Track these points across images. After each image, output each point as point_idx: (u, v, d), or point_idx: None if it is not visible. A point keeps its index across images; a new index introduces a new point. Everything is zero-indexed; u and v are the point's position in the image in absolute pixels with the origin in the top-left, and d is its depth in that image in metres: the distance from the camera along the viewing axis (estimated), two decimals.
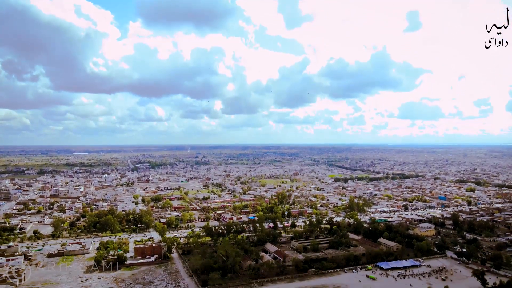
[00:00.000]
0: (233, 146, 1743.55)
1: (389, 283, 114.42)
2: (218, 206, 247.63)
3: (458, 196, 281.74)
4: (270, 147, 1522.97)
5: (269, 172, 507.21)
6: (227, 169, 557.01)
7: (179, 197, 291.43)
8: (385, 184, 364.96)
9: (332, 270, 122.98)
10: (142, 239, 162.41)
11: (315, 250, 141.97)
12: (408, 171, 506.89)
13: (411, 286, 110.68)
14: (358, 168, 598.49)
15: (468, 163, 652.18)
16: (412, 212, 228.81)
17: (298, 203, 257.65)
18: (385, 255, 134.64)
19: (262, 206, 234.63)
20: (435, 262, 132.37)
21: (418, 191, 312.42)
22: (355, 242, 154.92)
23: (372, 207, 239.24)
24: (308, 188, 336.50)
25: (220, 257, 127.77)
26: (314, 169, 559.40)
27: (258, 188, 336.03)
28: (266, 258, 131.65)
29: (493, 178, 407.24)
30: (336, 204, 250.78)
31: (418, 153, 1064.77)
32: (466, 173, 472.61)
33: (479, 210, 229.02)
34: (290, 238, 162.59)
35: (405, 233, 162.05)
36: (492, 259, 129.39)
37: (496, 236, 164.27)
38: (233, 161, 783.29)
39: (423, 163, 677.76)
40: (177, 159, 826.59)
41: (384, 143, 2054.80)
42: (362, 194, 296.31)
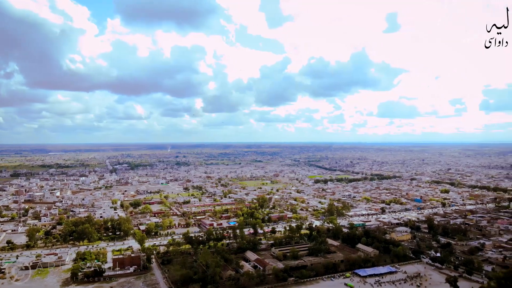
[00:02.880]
0: (214, 144, 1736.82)
1: None
2: (199, 210, 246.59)
3: (433, 197, 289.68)
4: (252, 146, 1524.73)
5: (250, 173, 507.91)
6: (208, 170, 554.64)
7: (159, 201, 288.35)
8: (364, 185, 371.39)
9: (311, 279, 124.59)
10: (121, 249, 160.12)
11: (295, 257, 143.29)
12: (386, 171, 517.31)
13: None
14: (337, 168, 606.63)
15: (443, 162, 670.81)
16: (389, 215, 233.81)
17: (279, 206, 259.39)
18: (363, 261, 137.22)
19: (242, 211, 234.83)
20: (411, 268, 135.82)
21: (395, 192, 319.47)
22: (334, 248, 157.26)
23: (351, 211, 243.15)
24: (288, 191, 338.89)
25: (200, 267, 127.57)
26: (295, 170, 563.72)
27: (239, 191, 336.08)
28: (246, 267, 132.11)
29: (467, 178, 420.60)
30: (316, 208, 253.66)
31: (396, 151, 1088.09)
32: (441, 173, 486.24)
33: (453, 212, 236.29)
34: (270, 245, 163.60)
35: (382, 238, 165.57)
36: (464, 264, 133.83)
37: (468, 240, 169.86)
38: (214, 161, 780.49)
39: (400, 162, 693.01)
40: (157, 159, 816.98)
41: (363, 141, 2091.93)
42: (342, 196, 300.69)
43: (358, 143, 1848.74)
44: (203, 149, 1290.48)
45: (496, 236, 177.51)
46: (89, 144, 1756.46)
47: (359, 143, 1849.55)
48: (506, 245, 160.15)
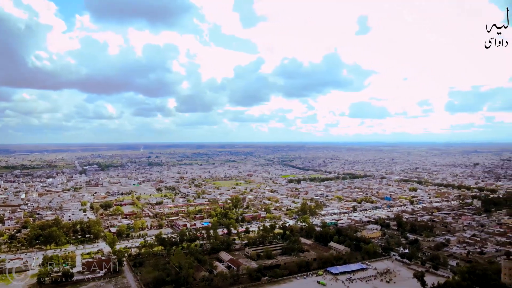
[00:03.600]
0: (187, 144, 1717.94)
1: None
2: (172, 211, 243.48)
3: (402, 196, 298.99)
4: (225, 146, 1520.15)
5: (224, 173, 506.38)
6: (181, 171, 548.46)
7: (131, 203, 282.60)
8: (336, 184, 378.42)
9: (284, 278, 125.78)
10: (91, 252, 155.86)
11: (269, 257, 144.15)
12: (357, 171, 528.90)
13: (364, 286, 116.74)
14: (310, 168, 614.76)
15: (412, 161, 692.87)
16: (360, 214, 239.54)
17: (253, 206, 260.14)
18: (335, 259, 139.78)
19: (216, 211, 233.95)
20: (381, 264, 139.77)
21: (366, 191, 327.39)
22: (307, 247, 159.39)
23: (323, 210, 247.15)
24: (262, 190, 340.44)
25: (173, 269, 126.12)
26: (268, 170, 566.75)
27: (213, 191, 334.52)
28: (220, 268, 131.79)
29: (433, 176, 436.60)
30: (289, 207, 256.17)
31: (367, 151, 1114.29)
32: (410, 172, 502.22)
33: (420, 210, 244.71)
34: (244, 245, 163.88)
35: (353, 236, 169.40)
36: (431, 260, 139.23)
37: (435, 236, 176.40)
38: (187, 161, 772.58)
39: (371, 161, 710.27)
40: (129, 159, 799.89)
41: (336, 141, 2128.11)
42: (314, 196, 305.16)
43: (331, 143, 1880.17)
44: (176, 149, 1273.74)
45: (460, 232, 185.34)
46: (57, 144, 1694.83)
47: (332, 143, 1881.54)
48: (469, 240, 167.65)
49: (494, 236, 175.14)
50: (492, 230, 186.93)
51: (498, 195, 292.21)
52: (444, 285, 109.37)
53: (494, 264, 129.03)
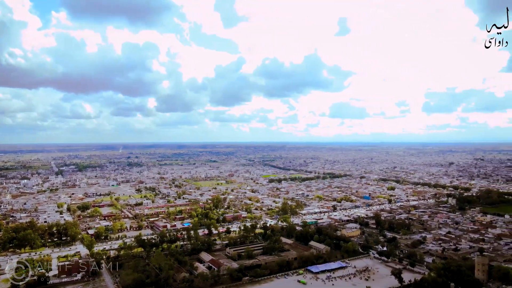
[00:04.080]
0: (168, 144, 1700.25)
1: (318, 286, 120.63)
2: (152, 212, 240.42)
3: (380, 195, 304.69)
4: (206, 146, 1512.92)
5: (205, 174, 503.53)
6: (161, 171, 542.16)
7: (110, 204, 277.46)
8: (316, 184, 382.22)
9: (265, 277, 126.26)
10: (68, 255, 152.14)
11: (250, 257, 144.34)
12: (337, 170, 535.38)
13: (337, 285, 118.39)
14: (291, 167, 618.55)
15: (390, 161, 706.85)
16: (340, 213, 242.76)
17: (233, 206, 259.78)
18: (315, 258, 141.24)
19: (197, 212, 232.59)
20: (360, 263, 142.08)
21: (346, 190, 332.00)
22: (287, 246, 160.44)
23: (304, 209, 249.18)
24: (243, 190, 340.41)
25: (153, 271, 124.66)
26: (249, 170, 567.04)
27: (193, 192, 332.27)
28: (200, 269, 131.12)
29: (410, 176, 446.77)
30: (270, 207, 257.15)
31: (346, 151, 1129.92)
32: (388, 171, 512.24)
33: (398, 208, 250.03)
34: (225, 245, 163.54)
35: (333, 235, 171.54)
36: (408, 257, 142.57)
37: (412, 234, 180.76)
38: (168, 161, 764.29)
39: (351, 161, 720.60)
40: (108, 159, 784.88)
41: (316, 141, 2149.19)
42: (295, 195, 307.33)
43: (311, 143, 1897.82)
44: (156, 149, 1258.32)
45: (436, 229, 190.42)
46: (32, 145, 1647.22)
47: (312, 143, 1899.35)
48: (444, 237, 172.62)
49: (468, 233, 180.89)
50: (466, 227, 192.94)
51: (472, 193, 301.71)
52: (420, 281, 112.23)
53: (468, 260, 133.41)
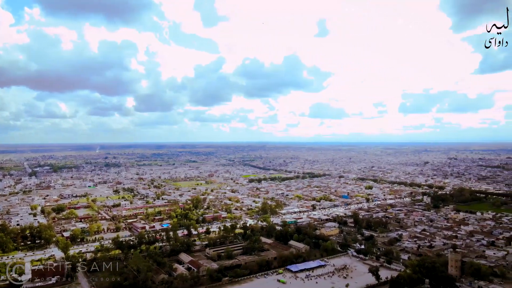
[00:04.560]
0: (147, 144, 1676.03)
1: (298, 285, 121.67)
2: (130, 213, 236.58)
3: (358, 194, 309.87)
4: (186, 146, 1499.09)
5: (184, 174, 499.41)
6: (140, 172, 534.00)
7: (86, 205, 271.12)
8: (296, 184, 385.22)
9: (245, 277, 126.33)
10: (42, 258, 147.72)
11: (229, 257, 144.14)
12: (317, 170, 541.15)
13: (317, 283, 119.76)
14: (271, 167, 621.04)
15: (368, 160, 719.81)
16: (319, 212, 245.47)
17: (213, 207, 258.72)
18: (295, 257, 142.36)
19: (176, 212, 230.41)
20: (338, 261, 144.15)
21: (325, 190, 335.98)
22: (267, 246, 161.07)
23: (284, 209, 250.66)
24: (223, 190, 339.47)
25: (131, 273, 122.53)
26: (229, 170, 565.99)
27: (173, 192, 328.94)
28: (180, 270, 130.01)
29: (387, 175, 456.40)
30: (250, 207, 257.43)
31: (326, 150, 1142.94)
32: (366, 170, 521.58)
33: (376, 207, 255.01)
34: (205, 245, 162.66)
35: (312, 234, 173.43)
36: (385, 254, 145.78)
37: (388, 232, 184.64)
38: (147, 161, 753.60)
39: (330, 161, 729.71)
40: (84, 160, 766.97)
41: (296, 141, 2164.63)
42: (275, 195, 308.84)
43: (291, 143, 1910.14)
44: (135, 149, 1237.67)
45: (412, 227, 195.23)
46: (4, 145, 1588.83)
47: (292, 143, 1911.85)
48: (419, 235, 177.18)
49: (442, 230, 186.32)
50: (440, 224, 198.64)
51: (446, 191, 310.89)
52: (396, 278, 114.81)
53: (442, 256, 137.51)
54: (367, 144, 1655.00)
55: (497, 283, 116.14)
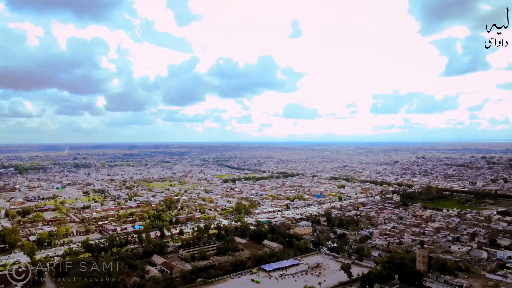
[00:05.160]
0: (118, 145, 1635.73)
1: (272, 284, 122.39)
2: (100, 216, 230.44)
3: (331, 193, 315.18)
4: (159, 146, 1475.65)
5: (157, 174, 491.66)
6: (111, 172, 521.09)
7: (54, 208, 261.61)
8: (270, 183, 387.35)
9: (219, 278, 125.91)
10: (6, 263, 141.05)
11: (203, 258, 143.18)
12: (290, 169, 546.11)
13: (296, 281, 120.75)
14: (245, 167, 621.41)
15: (340, 160, 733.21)
16: (293, 211, 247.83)
17: (187, 207, 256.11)
18: (269, 257, 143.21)
19: (149, 214, 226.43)
20: (312, 259, 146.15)
21: (299, 189, 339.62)
22: (241, 246, 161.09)
23: (258, 208, 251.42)
24: (196, 191, 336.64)
25: (101, 277, 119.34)
26: (203, 170, 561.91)
27: (145, 193, 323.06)
28: (152, 272, 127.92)
29: (359, 174, 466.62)
30: (224, 207, 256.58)
31: (299, 150, 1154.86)
32: (338, 170, 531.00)
33: (348, 205, 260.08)
34: (178, 247, 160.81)
35: (286, 233, 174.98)
36: (356, 252, 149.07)
37: (360, 229, 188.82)
38: (118, 162, 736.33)
39: (303, 160, 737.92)
40: (52, 161, 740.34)
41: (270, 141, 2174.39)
42: (249, 195, 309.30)
43: (265, 143, 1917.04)
44: (106, 150, 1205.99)
45: (382, 224, 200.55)
46: None
47: (266, 143, 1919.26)
48: (389, 232, 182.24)
49: (411, 227, 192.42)
50: (408, 222, 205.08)
51: (414, 189, 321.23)
52: (367, 275, 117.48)
53: (410, 253, 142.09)
54: (339, 144, 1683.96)
55: (461, 277, 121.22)
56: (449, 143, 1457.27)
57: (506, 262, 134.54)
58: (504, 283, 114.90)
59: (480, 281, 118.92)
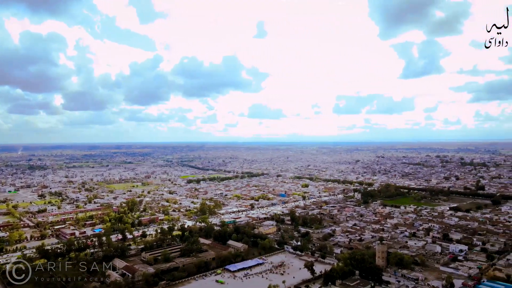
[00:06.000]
0: (77, 145, 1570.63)
1: (236, 284, 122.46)
2: (57, 219, 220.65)
3: (295, 192, 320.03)
4: (121, 146, 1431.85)
5: (119, 176, 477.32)
6: (69, 174, 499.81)
7: (6, 212, 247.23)
8: (235, 183, 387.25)
9: (183, 280, 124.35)
10: None
11: (167, 260, 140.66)
12: (255, 169, 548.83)
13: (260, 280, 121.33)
14: (210, 167, 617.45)
15: (304, 159, 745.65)
16: (258, 211, 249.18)
17: (150, 209, 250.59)
18: (233, 257, 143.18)
19: (110, 216, 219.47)
20: (276, 258, 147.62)
21: (264, 189, 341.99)
22: (206, 247, 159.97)
23: (222, 209, 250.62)
24: (160, 192, 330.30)
25: (58, 283, 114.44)
26: (167, 171, 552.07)
27: (106, 195, 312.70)
28: (113, 276, 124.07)
29: (322, 173, 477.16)
30: (188, 208, 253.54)
31: (264, 150, 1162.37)
32: (302, 169, 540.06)
33: (311, 204, 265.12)
34: (141, 249, 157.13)
35: (251, 233, 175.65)
36: (319, 250, 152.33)
37: (323, 228, 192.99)
38: (77, 163, 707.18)
39: (268, 160, 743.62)
40: (4, 163, 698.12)
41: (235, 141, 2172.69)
42: (214, 195, 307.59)
43: (230, 143, 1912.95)
44: (64, 150, 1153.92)
45: (344, 222, 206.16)
46: None
47: (231, 143, 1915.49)
48: (351, 229, 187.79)
49: (371, 224, 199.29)
50: (369, 219, 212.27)
51: (374, 188, 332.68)
52: (330, 271, 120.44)
53: (370, 249, 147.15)
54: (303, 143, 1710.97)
55: (417, 271, 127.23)
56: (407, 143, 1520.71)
57: (458, 255, 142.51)
58: (456, 275, 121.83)
59: (434, 274, 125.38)
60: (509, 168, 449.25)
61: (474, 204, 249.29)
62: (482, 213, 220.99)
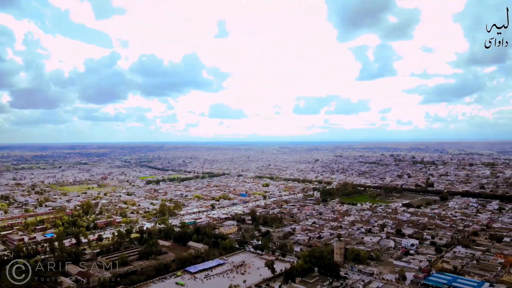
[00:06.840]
0: (27, 146, 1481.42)
1: (196, 286, 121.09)
2: (4, 224, 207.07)
3: (256, 191, 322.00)
4: (76, 147, 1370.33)
5: (73, 177, 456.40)
6: (18, 176, 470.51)
7: None
8: (196, 184, 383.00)
9: (141, 283, 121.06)
10: None
11: (124, 264, 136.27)
12: (216, 169, 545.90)
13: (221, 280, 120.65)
14: (170, 168, 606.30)
15: (265, 159, 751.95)
16: (218, 211, 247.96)
17: (106, 212, 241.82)
18: (194, 258, 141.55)
19: (63, 220, 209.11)
20: (237, 258, 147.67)
21: (224, 189, 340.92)
22: (165, 248, 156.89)
23: (183, 209, 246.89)
24: (117, 194, 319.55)
25: None
26: (125, 171, 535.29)
27: (59, 198, 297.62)
28: (66, 283, 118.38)
29: (283, 172, 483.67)
30: (147, 209, 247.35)
31: (225, 150, 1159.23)
32: (263, 168, 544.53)
33: (272, 203, 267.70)
34: (96, 254, 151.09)
35: (212, 233, 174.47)
36: (280, 248, 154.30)
37: (283, 226, 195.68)
38: (26, 165, 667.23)
39: (229, 160, 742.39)
40: None
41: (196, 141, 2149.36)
42: (174, 196, 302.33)
43: (191, 143, 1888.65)
44: (11, 151, 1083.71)
45: (304, 221, 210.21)
46: None
47: (192, 143, 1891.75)
48: (310, 227, 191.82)
49: (329, 221, 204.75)
50: (327, 217, 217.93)
51: (333, 186, 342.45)
52: (290, 269, 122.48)
53: (329, 246, 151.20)
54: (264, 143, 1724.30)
55: (373, 265, 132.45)
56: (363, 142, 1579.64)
57: (410, 250, 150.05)
58: (408, 268, 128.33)
59: (388, 268, 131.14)
60: (455, 166, 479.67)
61: (424, 200, 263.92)
62: (432, 209, 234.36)
